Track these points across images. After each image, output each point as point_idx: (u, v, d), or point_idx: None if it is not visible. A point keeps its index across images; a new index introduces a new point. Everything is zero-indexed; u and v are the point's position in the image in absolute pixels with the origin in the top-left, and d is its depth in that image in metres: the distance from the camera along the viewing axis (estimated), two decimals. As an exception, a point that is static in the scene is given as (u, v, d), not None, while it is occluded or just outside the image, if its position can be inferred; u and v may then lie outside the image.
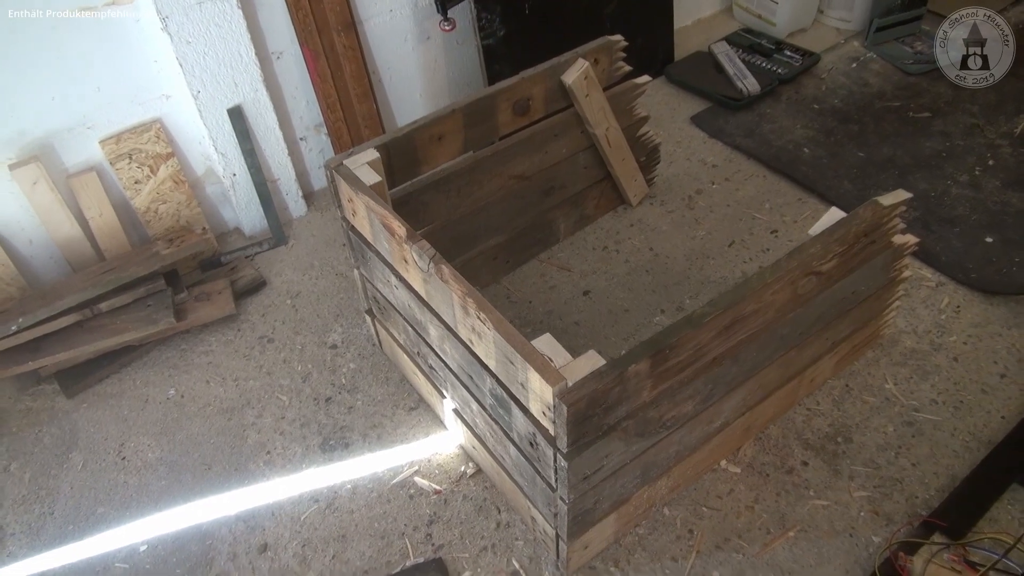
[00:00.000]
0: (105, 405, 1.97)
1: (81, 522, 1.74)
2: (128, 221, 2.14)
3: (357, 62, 2.24)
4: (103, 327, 1.99)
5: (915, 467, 1.70)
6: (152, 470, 1.82)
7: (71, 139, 1.96)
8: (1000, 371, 1.86)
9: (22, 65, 1.81)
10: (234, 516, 1.72)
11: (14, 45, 1.78)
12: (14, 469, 1.85)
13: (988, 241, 2.14)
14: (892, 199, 1.48)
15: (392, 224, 1.46)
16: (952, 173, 2.37)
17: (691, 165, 2.52)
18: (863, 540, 1.58)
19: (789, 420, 1.80)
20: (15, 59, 1.80)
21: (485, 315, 1.28)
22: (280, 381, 1.99)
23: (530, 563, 1.59)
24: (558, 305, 2.11)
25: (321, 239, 2.38)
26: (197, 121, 2.07)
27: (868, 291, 1.65)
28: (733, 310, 1.31)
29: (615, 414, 1.26)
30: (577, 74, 1.89)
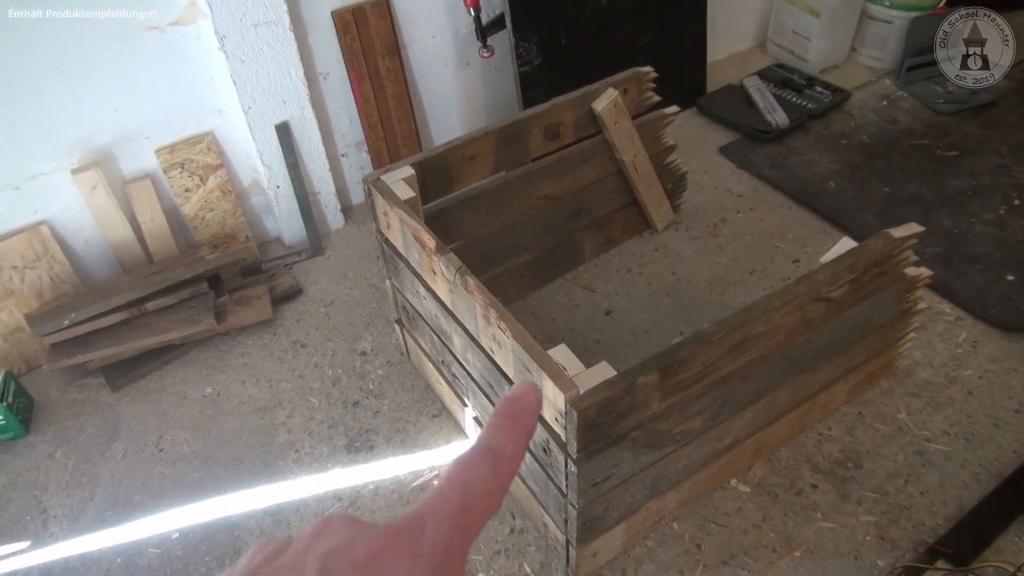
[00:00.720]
0: (146, 400, 2.08)
1: (119, 508, 1.84)
2: (177, 226, 2.27)
3: (399, 84, 2.35)
4: (148, 326, 2.11)
5: (923, 495, 1.72)
6: (187, 463, 1.92)
7: (130, 147, 2.10)
8: (1015, 407, 1.88)
9: (91, 77, 1.96)
10: (262, 510, 1.81)
11: (85, 59, 1.93)
12: (59, 456, 1.97)
13: (1009, 279, 2.17)
14: (904, 231, 1.53)
15: (423, 237, 1.55)
16: (977, 211, 2.40)
17: (718, 194, 2.58)
18: (867, 563, 1.61)
19: (800, 444, 1.84)
20: (86, 72, 1.94)
21: (505, 324, 1.36)
22: (311, 384, 2.08)
23: (541, 568, 1.65)
24: (580, 323, 2.18)
25: (356, 251, 2.48)
26: (246, 135, 2.20)
27: (881, 320, 1.69)
28: (742, 330, 1.37)
29: (624, 423, 1.32)
30: (607, 102, 1.98)
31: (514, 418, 0.42)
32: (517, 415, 0.42)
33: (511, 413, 0.42)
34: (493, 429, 0.41)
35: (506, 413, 0.42)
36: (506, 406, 0.43)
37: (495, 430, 0.41)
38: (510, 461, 0.40)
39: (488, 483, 0.39)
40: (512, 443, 0.41)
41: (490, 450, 0.40)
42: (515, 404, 0.42)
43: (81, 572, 1.71)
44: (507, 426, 0.41)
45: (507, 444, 0.40)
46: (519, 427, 0.42)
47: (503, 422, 0.42)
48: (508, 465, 0.40)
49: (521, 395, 0.43)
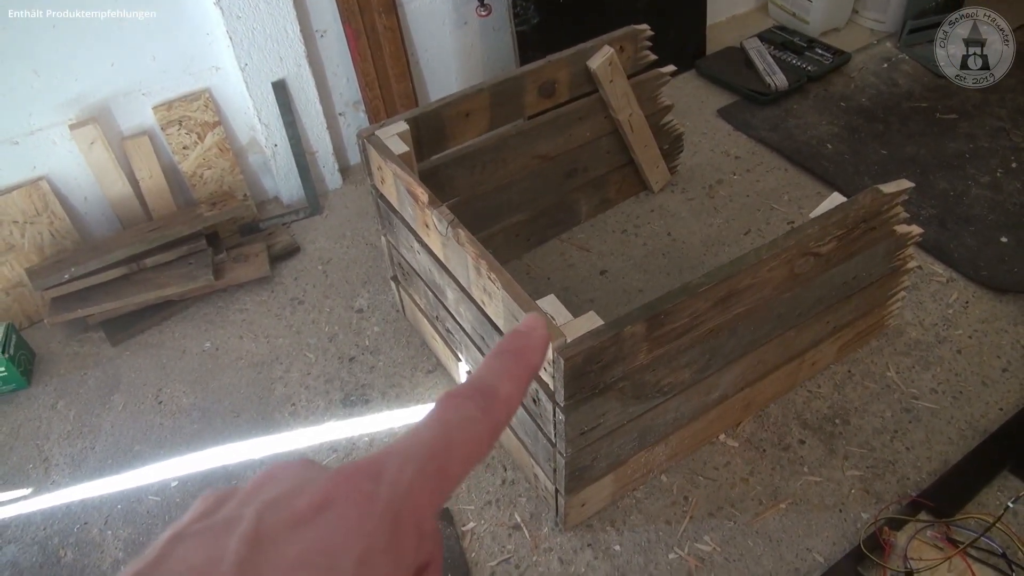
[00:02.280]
0: (146, 354, 2.12)
1: (119, 457, 1.88)
2: (175, 184, 2.28)
3: (396, 43, 2.35)
4: (148, 281, 2.13)
5: (909, 451, 1.75)
6: (186, 415, 1.96)
7: (127, 104, 2.10)
8: (1003, 365, 1.90)
9: (86, 32, 1.95)
10: (259, 460, 1.84)
11: (79, 13, 1.92)
12: (61, 407, 2.00)
13: (1003, 241, 2.17)
14: (894, 187, 1.54)
15: (416, 190, 1.57)
16: (974, 174, 2.39)
17: (714, 156, 2.58)
18: (852, 515, 1.65)
19: (789, 400, 1.86)
20: (81, 27, 1.94)
21: (495, 275, 1.38)
22: (308, 340, 2.11)
23: (531, 518, 1.69)
24: (575, 283, 2.20)
25: (354, 211, 2.50)
26: (243, 93, 2.20)
27: (870, 278, 1.70)
28: (729, 282, 1.38)
29: (611, 373, 1.35)
30: (602, 60, 1.97)
31: (516, 354, 0.36)
32: (520, 351, 0.36)
33: (513, 348, 0.36)
34: (488, 366, 0.36)
35: (507, 348, 0.36)
36: (509, 341, 0.37)
37: (490, 368, 0.36)
38: (506, 403, 0.35)
39: (474, 426, 0.33)
40: (509, 383, 0.35)
41: (480, 389, 0.35)
42: (519, 339, 0.37)
43: (82, 518, 1.75)
44: (505, 363, 0.36)
45: (503, 384, 0.35)
46: (520, 365, 0.36)
47: (501, 358, 0.36)
48: (502, 407, 0.34)
49: (529, 329, 0.37)
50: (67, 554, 1.69)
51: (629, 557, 1.61)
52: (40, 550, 1.70)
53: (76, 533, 1.72)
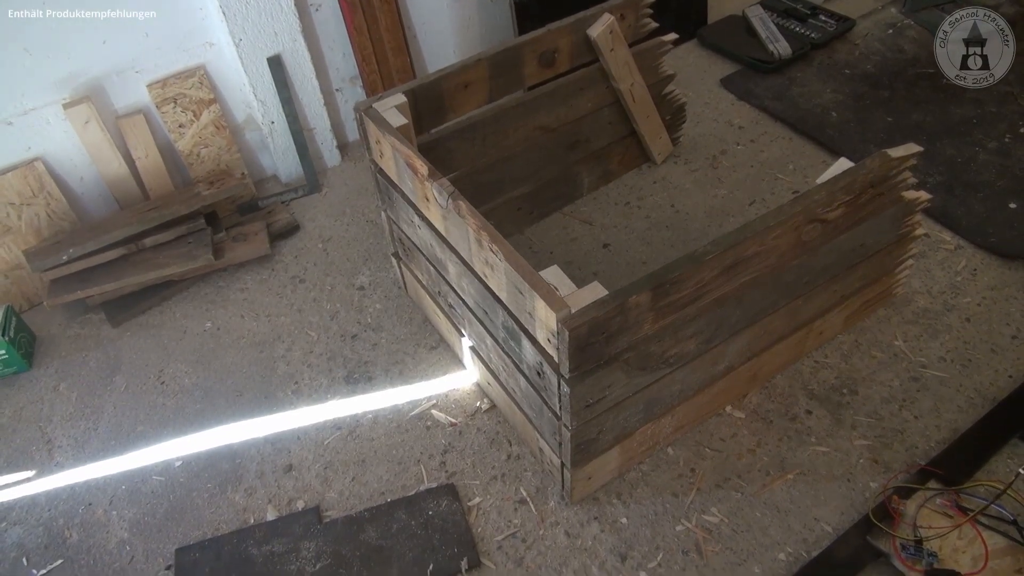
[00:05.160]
0: (147, 334, 2.10)
1: (122, 438, 1.87)
2: (172, 163, 2.26)
3: (393, 16, 2.30)
4: (147, 261, 2.11)
5: (917, 420, 1.73)
6: (188, 394, 1.95)
7: (120, 82, 2.07)
8: (1012, 332, 1.88)
9: (75, 7, 1.92)
10: (262, 439, 1.83)
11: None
12: (63, 389, 1.99)
13: (1012, 207, 2.14)
14: (902, 151, 1.51)
15: (415, 163, 1.54)
16: (981, 140, 2.36)
17: (718, 126, 2.54)
18: (860, 485, 1.63)
19: (796, 371, 1.84)
20: (71, 3, 1.91)
21: (497, 247, 1.36)
22: (310, 318, 2.09)
23: (537, 493, 1.68)
24: (578, 256, 2.17)
25: (353, 188, 2.47)
26: (239, 69, 2.17)
27: (878, 245, 1.68)
28: (735, 250, 1.36)
29: (616, 344, 1.33)
30: (602, 28, 1.93)
31: None
32: None
33: None
34: None
35: None
36: None
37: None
38: None
39: None
40: None
41: None
42: None
43: (87, 499, 1.74)
44: None
45: None
46: None
47: None
48: None
49: None
50: (72, 535, 1.69)
51: (636, 530, 1.60)
52: (45, 531, 1.70)
53: (81, 514, 1.72)
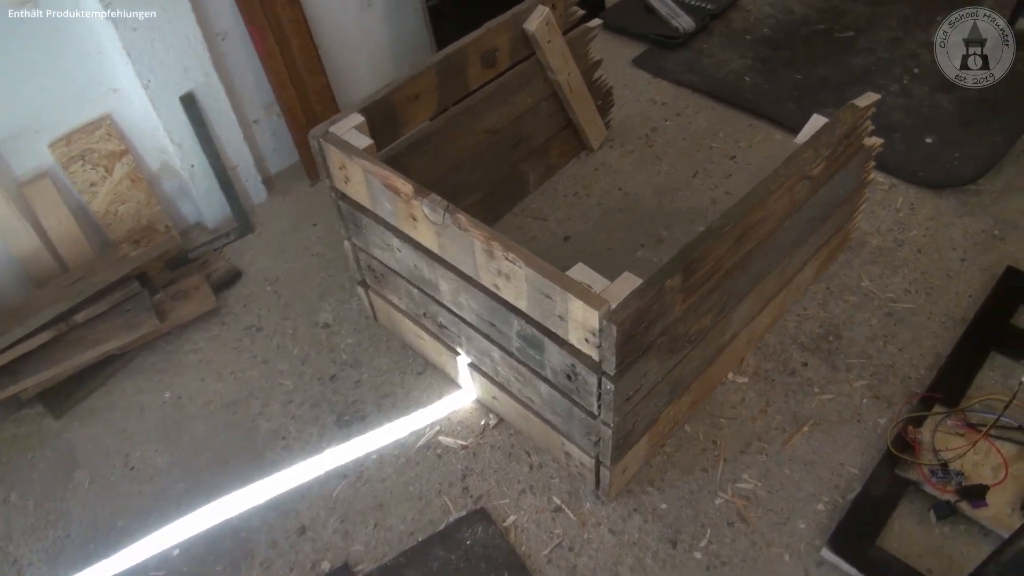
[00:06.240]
0: (98, 420, 1.89)
1: (102, 538, 1.67)
2: (88, 226, 2.04)
3: (304, 36, 2.18)
4: (82, 339, 1.90)
5: (902, 352, 1.82)
6: (166, 475, 1.77)
7: (18, 145, 1.85)
8: (960, 256, 2.01)
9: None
10: (263, 505, 1.69)
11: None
12: (15, 499, 1.76)
13: (928, 142, 2.30)
14: (865, 101, 1.58)
15: (396, 183, 1.46)
16: (883, 84, 2.51)
17: (641, 105, 2.58)
18: (870, 423, 1.70)
19: (782, 327, 1.90)
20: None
21: (514, 255, 1.31)
22: (279, 367, 1.95)
23: (570, 497, 1.64)
24: (541, 254, 2.06)
25: (288, 222, 2.32)
26: (150, 113, 1.99)
27: (845, 194, 1.75)
28: (745, 220, 1.37)
29: (653, 331, 1.31)
30: (539, 20, 1.91)
31: None
32: None
33: None
34: None
35: None
36: None
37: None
38: None
39: None
40: None
41: None
42: None
43: (81, 613, 1.55)
44: None
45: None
46: None
47: None
48: None
49: None
50: (74, 657, 1.49)
51: (678, 512, 1.59)
52: (40, 661, 1.49)
53: (78, 632, 1.53)
